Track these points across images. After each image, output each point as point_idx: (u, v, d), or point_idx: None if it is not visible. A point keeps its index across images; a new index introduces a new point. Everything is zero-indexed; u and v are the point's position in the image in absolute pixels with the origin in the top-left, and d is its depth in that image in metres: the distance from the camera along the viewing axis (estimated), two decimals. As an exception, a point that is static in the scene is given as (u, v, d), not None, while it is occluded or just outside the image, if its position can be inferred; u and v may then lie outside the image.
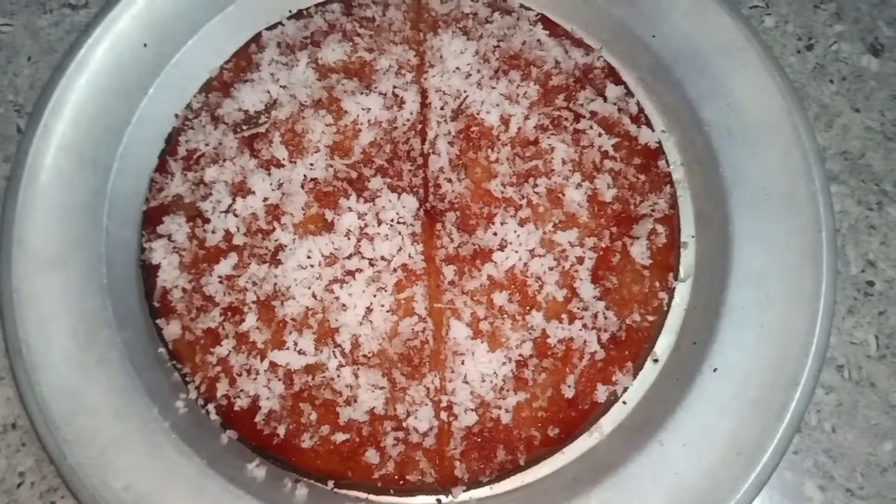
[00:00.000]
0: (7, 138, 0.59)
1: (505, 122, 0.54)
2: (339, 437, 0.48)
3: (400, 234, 0.51)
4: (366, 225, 0.51)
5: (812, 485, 0.52)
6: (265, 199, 0.52)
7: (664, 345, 0.53)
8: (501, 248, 0.51)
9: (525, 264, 0.51)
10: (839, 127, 0.60)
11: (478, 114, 0.54)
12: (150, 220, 0.54)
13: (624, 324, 0.51)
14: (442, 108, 0.54)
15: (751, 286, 0.51)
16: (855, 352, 0.55)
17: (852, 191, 0.58)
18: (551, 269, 0.51)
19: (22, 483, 0.52)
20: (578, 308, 0.50)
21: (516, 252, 0.50)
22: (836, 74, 0.61)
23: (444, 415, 0.49)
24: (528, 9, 0.59)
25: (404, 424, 0.48)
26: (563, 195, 0.52)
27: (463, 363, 0.49)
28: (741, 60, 0.55)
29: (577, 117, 0.54)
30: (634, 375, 0.52)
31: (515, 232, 0.51)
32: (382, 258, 0.50)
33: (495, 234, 0.51)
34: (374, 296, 0.50)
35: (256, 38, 0.58)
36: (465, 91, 0.54)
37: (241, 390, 0.49)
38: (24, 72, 0.61)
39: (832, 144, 0.60)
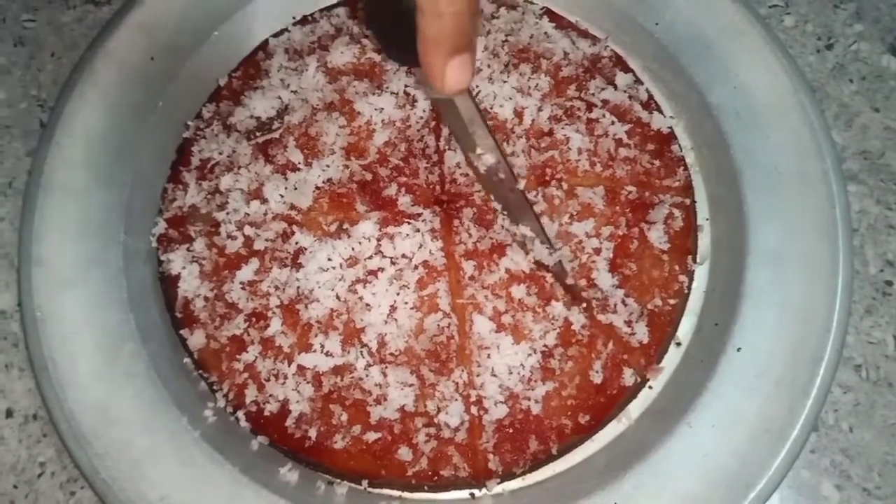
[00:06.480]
0: (30, 132, 0.60)
1: (519, 114, 0.54)
2: (371, 436, 0.48)
3: (419, 230, 0.51)
4: (385, 224, 0.51)
5: (829, 484, 0.52)
6: (283, 203, 0.52)
7: (686, 328, 0.54)
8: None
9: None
10: (858, 126, 0.60)
11: (491, 107, 0.54)
12: (168, 230, 0.54)
13: (646, 309, 0.51)
14: (455, 105, 0.54)
15: (769, 266, 0.51)
16: (873, 351, 0.55)
17: (871, 190, 0.59)
18: (570, 261, 0.51)
19: (42, 473, 0.52)
20: (597, 298, 0.51)
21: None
22: (855, 74, 0.62)
23: (474, 409, 0.49)
24: (532, 2, 0.60)
25: (435, 420, 0.48)
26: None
27: (489, 357, 0.49)
28: (745, 43, 0.55)
29: (590, 106, 0.54)
30: (659, 360, 0.52)
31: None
32: (403, 256, 0.51)
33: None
34: (398, 294, 0.50)
35: (263, 45, 0.59)
36: (477, 86, 0.54)
37: (270, 395, 0.49)
38: (48, 67, 0.62)
39: (851, 144, 0.60)
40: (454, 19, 0.33)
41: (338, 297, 0.50)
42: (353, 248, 0.50)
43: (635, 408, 0.52)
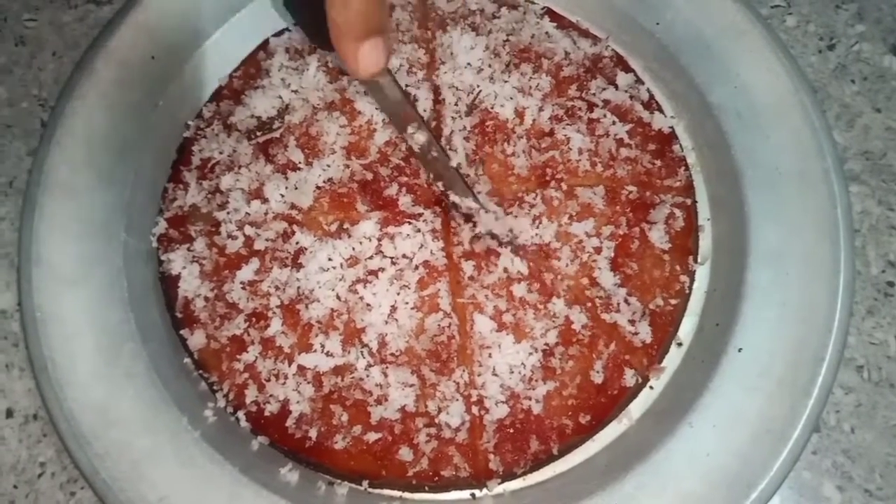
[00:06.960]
0: (31, 132, 0.60)
1: (520, 114, 0.54)
2: (372, 436, 0.48)
3: (420, 231, 0.51)
4: (386, 224, 0.51)
5: (831, 485, 0.52)
6: (283, 203, 0.52)
7: (687, 328, 0.54)
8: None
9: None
10: (860, 127, 0.60)
11: (492, 108, 0.54)
12: (168, 230, 0.54)
13: (647, 309, 0.51)
14: (456, 104, 0.54)
15: (770, 266, 0.51)
16: (875, 352, 0.55)
17: (873, 191, 0.59)
18: (571, 261, 0.51)
19: (42, 473, 0.52)
20: (600, 296, 0.51)
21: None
22: (857, 74, 0.62)
23: (475, 409, 0.49)
24: (533, 2, 0.60)
25: (436, 420, 0.48)
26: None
27: (490, 356, 0.49)
28: (745, 44, 0.55)
29: (591, 106, 0.54)
30: (660, 360, 0.52)
31: (531, 225, 0.52)
32: (404, 256, 0.51)
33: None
34: (398, 294, 0.50)
35: (264, 45, 0.59)
36: (478, 86, 0.54)
37: (271, 395, 0.49)
38: (49, 66, 0.62)
39: (853, 144, 0.60)
40: (361, 6, 0.34)
41: (338, 297, 0.50)
42: (353, 248, 0.50)
43: (636, 408, 0.52)
